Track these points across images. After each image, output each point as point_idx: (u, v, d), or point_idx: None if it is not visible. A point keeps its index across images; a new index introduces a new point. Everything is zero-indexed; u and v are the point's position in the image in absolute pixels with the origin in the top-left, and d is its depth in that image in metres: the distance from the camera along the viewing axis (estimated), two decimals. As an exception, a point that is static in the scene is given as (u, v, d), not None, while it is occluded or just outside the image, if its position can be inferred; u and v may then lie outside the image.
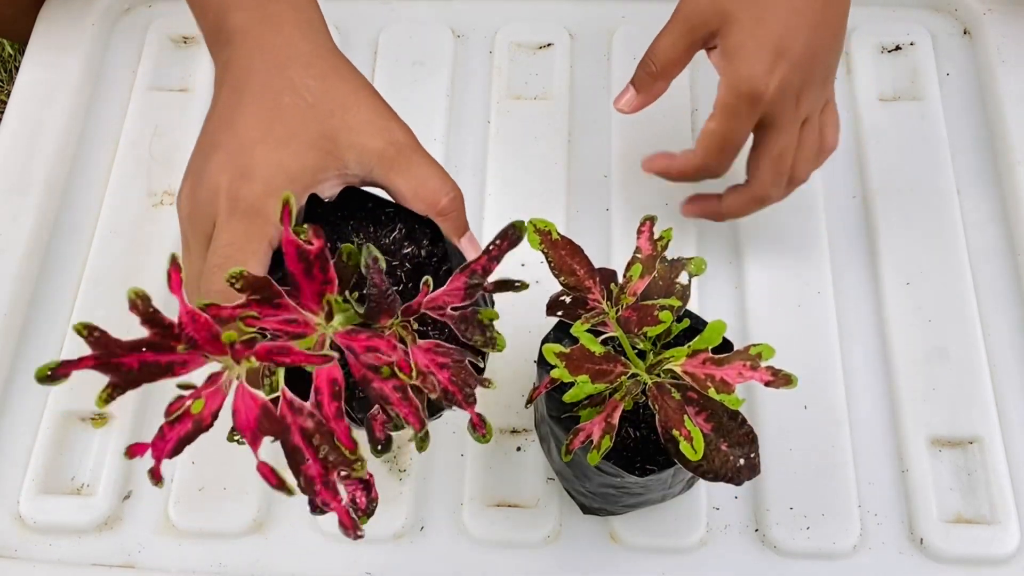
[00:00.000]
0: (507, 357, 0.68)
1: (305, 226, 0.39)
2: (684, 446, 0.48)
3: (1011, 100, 0.77)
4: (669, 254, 0.56)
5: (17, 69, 1.17)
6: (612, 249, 0.73)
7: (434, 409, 0.47)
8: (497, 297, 0.57)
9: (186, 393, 0.39)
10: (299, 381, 0.42)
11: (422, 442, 0.45)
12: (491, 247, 0.45)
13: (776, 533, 0.62)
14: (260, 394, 0.40)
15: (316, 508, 0.42)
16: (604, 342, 0.51)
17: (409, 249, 0.51)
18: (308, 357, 0.40)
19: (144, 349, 0.38)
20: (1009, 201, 0.74)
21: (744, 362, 0.50)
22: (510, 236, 0.44)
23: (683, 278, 0.55)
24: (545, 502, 0.64)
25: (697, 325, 0.56)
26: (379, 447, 0.44)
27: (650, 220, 0.54)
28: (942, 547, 0.61)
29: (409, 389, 0.42)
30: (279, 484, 0.39)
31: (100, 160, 0.78)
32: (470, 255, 0.50)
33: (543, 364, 0.56)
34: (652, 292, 0.55)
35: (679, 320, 0.54)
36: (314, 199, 0.50)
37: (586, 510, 0.62)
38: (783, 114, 0.59)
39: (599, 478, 0.56)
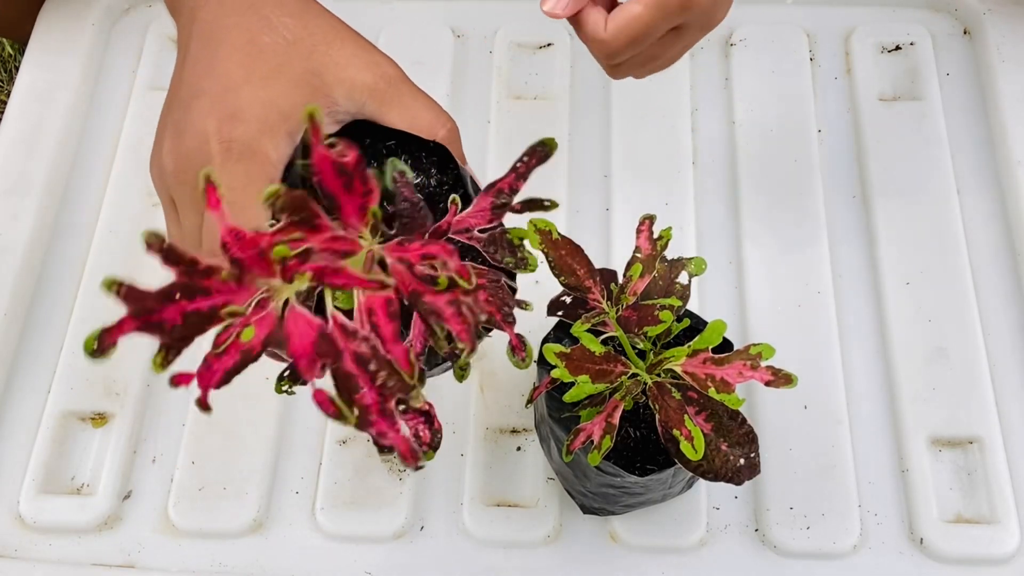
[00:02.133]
0: (506, 358, 0.68)
1: (334, 140, 0.37)
2: (685, 446, 0.48)
3: (1011, 100, 0.77)
4: (669, 254, 0.56)
5: (17, 69, 1.17)
6: (612, 249, 0.73)
7: (438, 360, 0.45)
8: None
9: (234, 323, 0.36)
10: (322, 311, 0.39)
11: (462, 372, 0.42)
12: (519, 164, 0.42)
13: (776, 533, 0.62)
14: (315, 317, 0.37)
15: (382, 448, 0.39)
16: (604, 342, 0.51)
17: (418, 180, 0.48)
18: (363, 281, 0.37)
19: (177, 296, 0.36)
20: (1009, 201, 0.74)
21: (744, 362, 0.50)
22: (538, 152, 0.42)
23: (683, 278, 0.55)
24: (545, 502, 0.64)
25: (697, 325, 0.56)
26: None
27: (649, 219, 0.54)
28: (942, 547, 0.61)
29: (463, 304, 0.39)
30: (336, 413, 0.36)
31: (100, 160, 0.78)
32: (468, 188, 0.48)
33: (543, 364, 0.56)
34: (652, 292, 0.55)
35: (679, 320, 0.54)
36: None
37: (586, 510, 0.62)
38: (699, 25, 0.52)
39: (599, 478, 0.56)
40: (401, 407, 0.38)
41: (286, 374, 0.41)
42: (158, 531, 0.64)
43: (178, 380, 0.36)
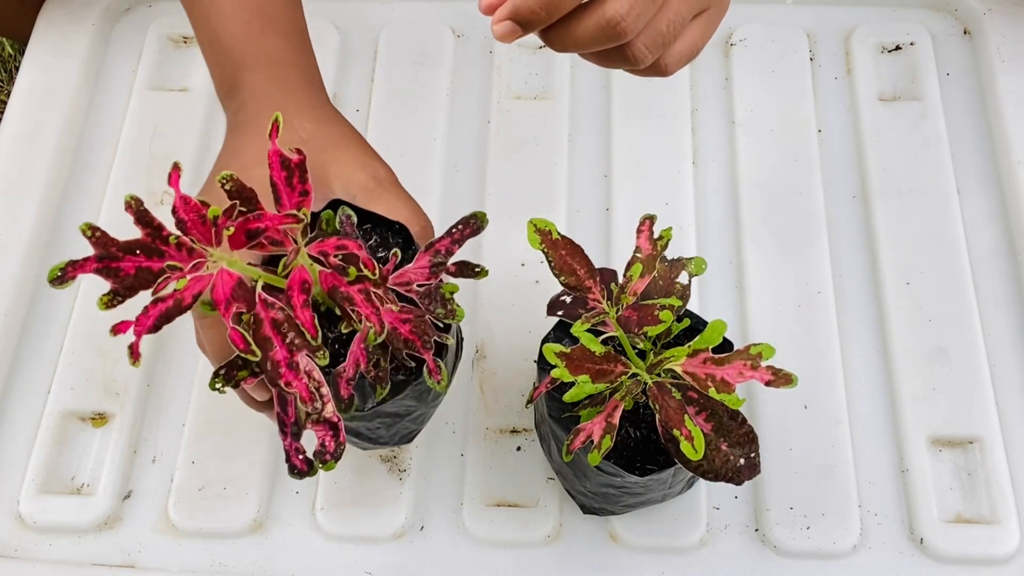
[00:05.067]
0: (507, 357, 0.68)
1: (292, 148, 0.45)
2: (685, 446, 0.48)
3: (1011, 100, 0.77)
4: (669, 254, 0.56)
5: (17, 69, 1.17)
6: (612, 249, 0.73)
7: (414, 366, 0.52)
8: (497, 297, 0.58)
9: (172, 276, 0.43)
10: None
11: (382, 390, 0.49)
12: (453, 230, 0.50)
13: (776, 533, 0.62)
14: (236, 271, 0.44)
15: (294, 469, 0.46)
16: (604, 342, 0.51)
17: (383, 254, 0.55)
18: (282, 219, 0.45)
19: (138, 252, 0.43)
20: (1009, 201, 0.74)
21: (744, 362, 0.50)
22: (472, 224, 0.50)
23: (683, 278, 0.55)
24: (545, 502, 0.64)
25: (697, 325, 0.56)
26: (343, 406, 0.49)
27: (650, 219, 0.54)
28: (942, 547, 0.61)
29: (371, 292, 0.47)
30: (246, 347, 0.43)
31: (100, 160, 0.78)
32: None
33: (543, 364, 0.56)
34: (652, 292, 0.55)
35: (679, 320, 0.54)
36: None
37: (586, 510, 0.62)
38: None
39: (599, 478, 0.56)
40: (313, 418, 0.45)
41: (221, 372, 0.46)
42: (158, 531, 0.64)
43: (118, 328, 0.43)
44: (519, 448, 0.66)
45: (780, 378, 0.49)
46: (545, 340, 0.57)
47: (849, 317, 0.70)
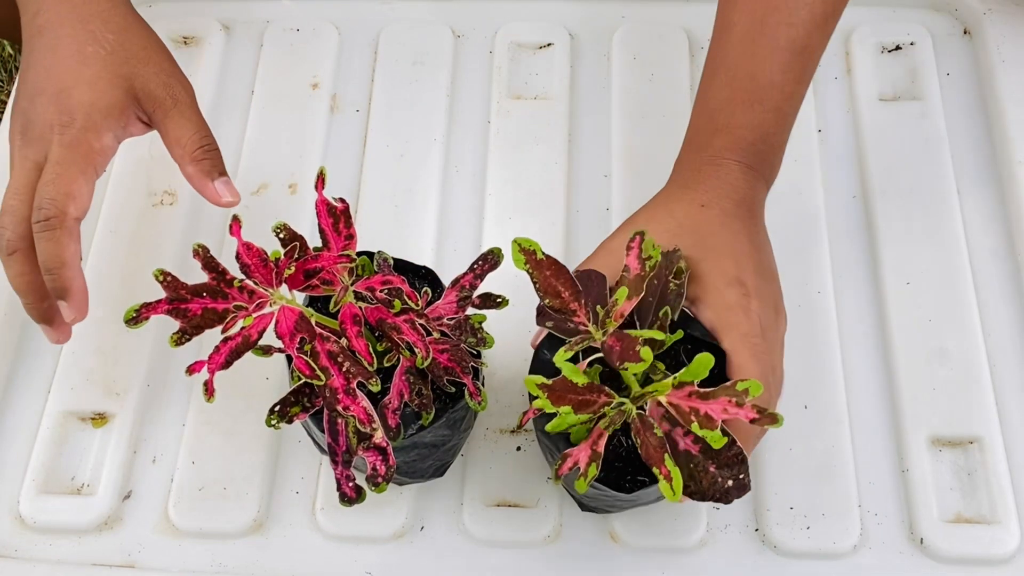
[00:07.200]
0: (506, 358, 0.68)
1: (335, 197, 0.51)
2: (663, 485, 0.47)
3: (1011, 100, 0.77)
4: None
5: (17, 69, 1.17)
6: (612, 249, 0.73)
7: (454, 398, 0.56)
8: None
9: (238, 315, 0.48)
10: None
11: (427, 416, 0.54)
12: (475, 266, 0.55)
13: (776, 533, 0.62)
14: (297, 307, 0.48)
15: (344, 497, 0.51)
16: (592, 362, 0.50)
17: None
18: (336, 259, 0.50)
19: (205, 295, 0.47)
20: (1009, 201, 0.74)
21: (730, 398, 0.48)
22: (490, 260, 0.55)
23: (680, 279, 0.55)
24: (545, 502, 0.64)
25: (692, 332, 0.55)
26: (391, 434, 0.52)
27: (640, 235, 0.53)
28: (942, 547, 0.61)
29: (416, 320, 0.51)
30: (311, 373, 0.48)
31: (100, 160, 0.78)
32: (225, 196, 0.61)
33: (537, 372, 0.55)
34: (647, 293, 0.54)
35: (672, 331, 0.53)
36: None
37: (584, 507, 0.62)
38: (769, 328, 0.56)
39: (591, 490, 0.55)
40: (364, 444, 0.49)
41: (276, 409, 0.50)
42: (158, 531, 0.64)
43: (193, 368, 0.47)
44: (519, 448, 0.66)
45: (765, 417, 0.47)
46: (537, 352, 0.56)
47: (849, 317, 0.70)
